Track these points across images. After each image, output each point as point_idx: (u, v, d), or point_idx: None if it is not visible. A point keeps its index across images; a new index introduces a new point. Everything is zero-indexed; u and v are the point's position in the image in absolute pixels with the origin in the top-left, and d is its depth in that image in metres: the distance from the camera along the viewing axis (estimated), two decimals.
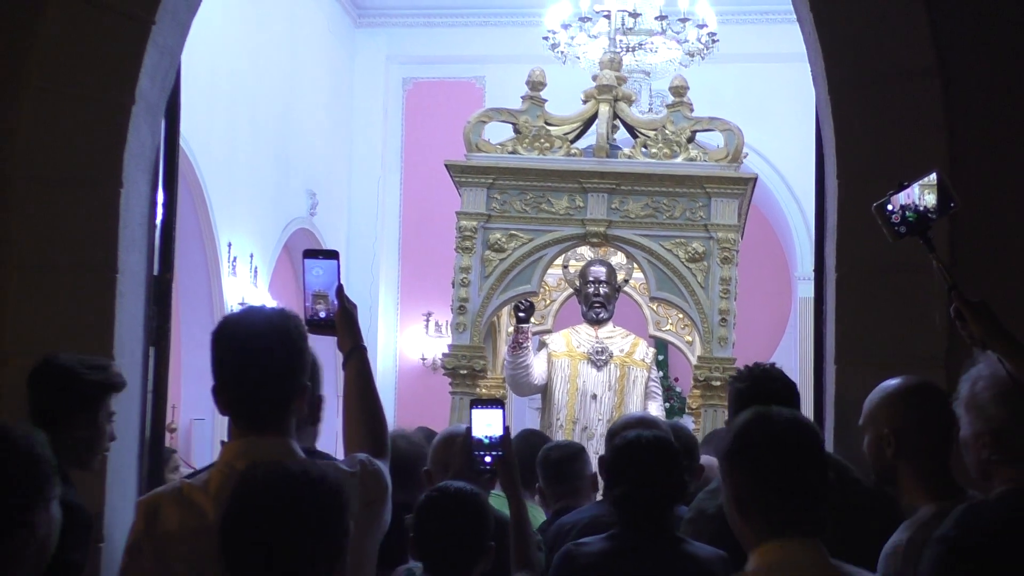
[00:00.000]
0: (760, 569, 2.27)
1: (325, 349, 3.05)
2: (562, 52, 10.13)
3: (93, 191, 4.25)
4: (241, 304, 11.71)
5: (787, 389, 3.75)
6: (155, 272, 4.52)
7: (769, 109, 13.80)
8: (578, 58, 10.08)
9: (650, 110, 11.92)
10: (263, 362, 2.63)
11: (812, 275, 4.77)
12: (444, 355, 7.98)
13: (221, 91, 11.33)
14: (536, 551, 3.37)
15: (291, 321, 2.71)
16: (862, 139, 4.22)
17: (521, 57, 14.11)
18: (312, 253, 2.98)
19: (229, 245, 11.66)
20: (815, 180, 4.64)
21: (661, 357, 9.11)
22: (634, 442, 3.42)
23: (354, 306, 2.93)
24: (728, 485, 2.35)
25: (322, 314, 2.90)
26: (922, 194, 2.94)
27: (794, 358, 14.09)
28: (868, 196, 4.17)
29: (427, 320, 14.76)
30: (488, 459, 3.24)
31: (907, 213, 2.95)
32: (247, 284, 12.03)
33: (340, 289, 2.91)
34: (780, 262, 14.99)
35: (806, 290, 13.34)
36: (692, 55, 10.24)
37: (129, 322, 4.30)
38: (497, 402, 3.39)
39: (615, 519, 3.41)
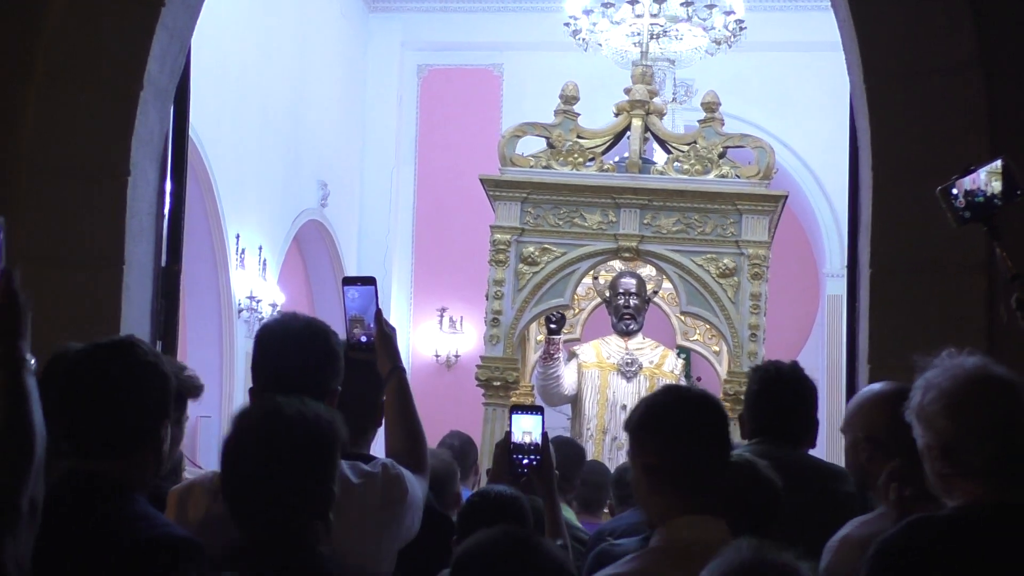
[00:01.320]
0: (671, 543, 2.46)
1: None
2: (583, 39, 10.07)
3: (100, 180, 4.25)
4: (250, 298, 11.73)
5: (796, 394, 3.84)
6: (163, 264, 4.51)
7: (797, 99, 13.76)
8: (600, 45, 10.03)
9: (674, 99, 11.88)
10: (299, 362, 2.83)
11: (840, 272, 4.76)
12: (477, 366, 8.34)
13: (230, 78, 11.33)
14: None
15: (327, 327, 2.96)
16: (900, 130, 4.19)
17: (540, 44, 14.15)
18: (350, 280, 3.19)
19: (237, 237, 11.67)
20: (848, 173, 4.61)
21: (684, 356, 9.17)
22: None
23: (392, 329, 3.15)
24: (640, 455, 2.55)
25: (362, 338, 3.11)
26: (988, 180, 2.95)
27: (821, 357, 14.06)
28: (905, 190, 4.17)
29: (441, 316, 14.77)
30: (526, 462, 3.42)
31: (972, 198, 2.97)
32: (255, 277, 12.04)
33: (378, 313, 3.12)
34: (807, 258, 14.95)
35: (834, 287, 13.30)
36: (718, 43, 10.18)
37: (136, 315, 4.30)
38: (537, 409, 3.56)
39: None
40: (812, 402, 3.98)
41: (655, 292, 8.61)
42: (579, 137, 8.33)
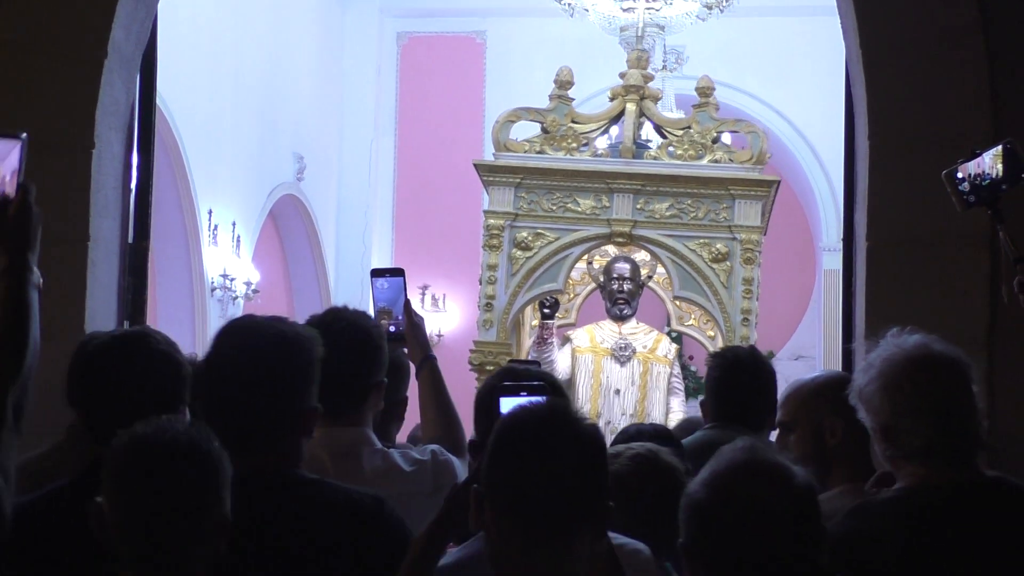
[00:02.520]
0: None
1: None
2: (569, 4, 10.05)
3: (63, 153, 4.20)
4: (223, 276, 11.70)
5: (755, 379, 4.13)
6: (130, 240, 4.49)
7: (792, 66, 13.74)
8: (586, 10, 10.00)
9: (664, 67, 11.85)
10: (345, 356, 2.91)
11: (838, 246, 4.77)
12: (471, 350, 8.55)
13: (201, 45, 11.26)
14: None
15: (371, 321, 3.14)
16: (897, 98, 4.17)
17: (525, 10, 14.11)
18: (379, 272, 3.41)
19: (210, 212, 11.63)
20: (844, 142, 4.60)
21: (674, 335, 9.35)
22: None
23: (421, 319, 3.35)
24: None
25: (391, 328, 3.28)
26: (994, 164, 3.08)
27: (818, 333, 14.10)
28: (903, 160, 4.15)
29: (423, 293, 14.74)
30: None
31: (978, 182, 3.09)
32: (229, 254, 12.01)
33: (407, 304, 3.32)
34: (803, 231, 14.96)
35: (831, 262, 13.31)
36: (710, 7, 10.17)
37: (102, 294, 4.28)
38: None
39: None
40: (771, 387, 4.14)
41: (649, 277, 8.88)
42: (573, 122, 8.67)
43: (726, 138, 8.92)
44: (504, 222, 8.50)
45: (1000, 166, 3.06)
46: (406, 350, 3.37)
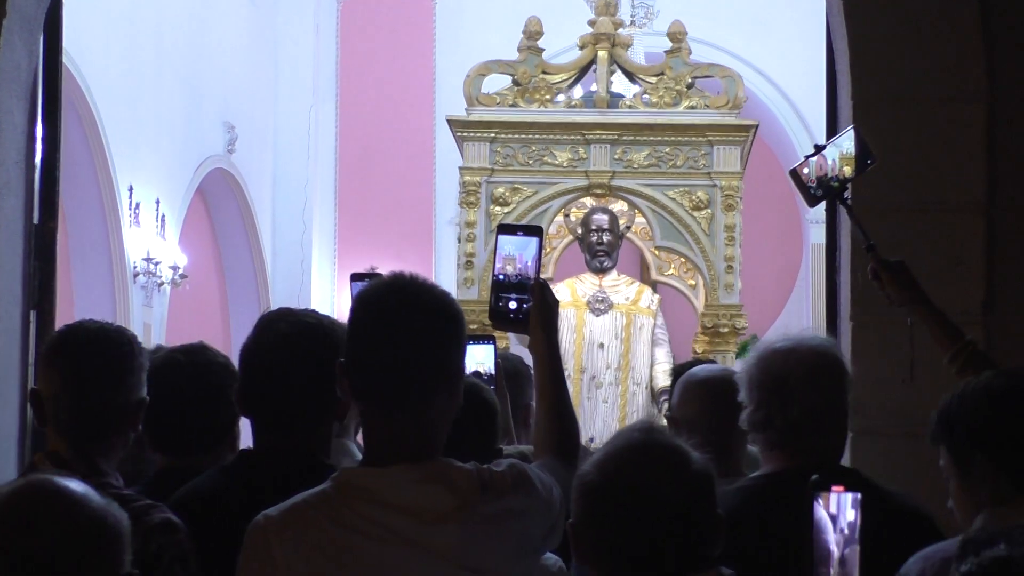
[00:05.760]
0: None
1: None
2: None
3: None
4: (146, 260, 11.64)
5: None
6: (35, 221, 4.45)
7: (772, 20, 13.79)
8: None
9: (632, 23, 11.86)
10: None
11: (824, 218, 4.78)
12: None
13: (118, 3, 11.19)
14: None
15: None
16: (882, 53, 4.18)
17: None
18: (509, 228, 2.79)
19: (130, 189, 11.56)
20: (826, 104, 4.62)
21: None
22: None
23: (556, 302, 2.80)
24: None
25: (511, 304, 2.72)
26: (840, 165, 3.43)
27: (806, 312, 14.18)
28: (888, 119, 4.17)
29: (371, 277, 14.71)
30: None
31: (825, 180, 3.43)
32: (153, 235, 11.95)
33: (540, 283, 2.75)
34: (789, 203, 15.00)
35: (819, 235, 13.36)
36: None
37: (5, 280, 4.24)
38: (488, 338, 3.45)
39: None
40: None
41: (628, 227, 9.40)
42: (544, 73, 9.31)
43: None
44: (480, 178, 9.13)
45: (846, 168, 3.41)
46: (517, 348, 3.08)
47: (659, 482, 2.14)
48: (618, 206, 9.39)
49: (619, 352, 9.10)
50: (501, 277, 2.73)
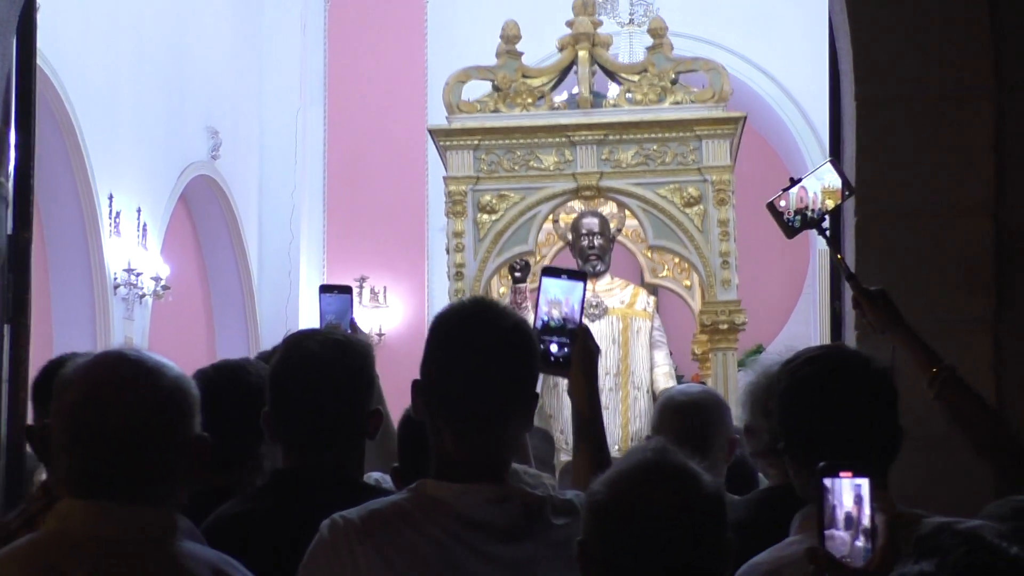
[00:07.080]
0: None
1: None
2: None
3: None
4: (127, 271, 11.65)
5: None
6: (8, 231, 4.46)
7: (777, 17, 13.80)
8: None
9: (631, 21, 11.92)
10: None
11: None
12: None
13: (97, 4, 11.21)
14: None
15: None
16: (887, 51, 4.20)
17: None
18: (554, 271, 2.87)
19: (111, 197, 11.56)
20: (829, 101, 4.63)
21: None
22: None
23: (598, 349, 2.92)
24: None
25: (553, 347, 2.80)
26: (821, 198, 3.55)
27: (813, 321, 14.19)
28: (893, 119, 4.19)
29: (361, 286, 14.73)
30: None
31: (804, 209, 3.55)
32: (134, 245, 11.95)
33: (584, 328, 2.87)
34: None
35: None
36: None
37: None
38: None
39: None
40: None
41: (619, 230, 9.48)
42: (524, 76, 9.37)
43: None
44: (466, 187, 9.20)
45: (828, 201, 3.54)
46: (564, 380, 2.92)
47: (668, 504, 2.17)
48: (608, 209, 9.51)
49: (617, 357, 9.12)
50: (546, 319, 2.82)
